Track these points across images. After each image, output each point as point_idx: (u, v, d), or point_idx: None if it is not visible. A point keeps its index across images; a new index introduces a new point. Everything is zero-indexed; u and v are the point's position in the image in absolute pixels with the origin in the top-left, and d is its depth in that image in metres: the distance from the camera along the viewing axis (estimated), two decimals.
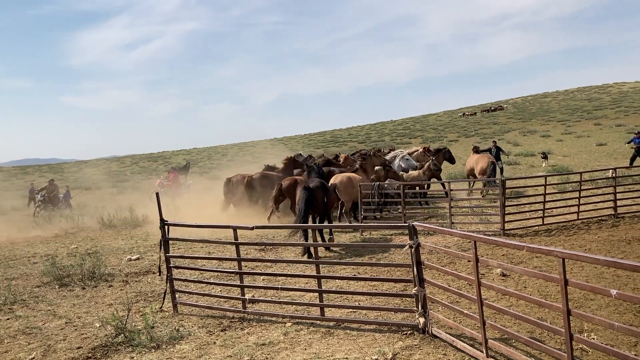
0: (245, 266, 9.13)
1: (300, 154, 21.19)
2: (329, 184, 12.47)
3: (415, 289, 5.86)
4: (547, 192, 12.54)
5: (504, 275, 8.22)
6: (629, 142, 23.58)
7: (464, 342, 5.42)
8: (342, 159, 17.61)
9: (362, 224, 12.75)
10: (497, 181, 11.94)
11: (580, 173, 13.98)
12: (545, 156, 25.83)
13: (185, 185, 23.82)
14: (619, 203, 12.78)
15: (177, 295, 7.61)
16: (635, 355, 4.64)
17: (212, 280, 8.28)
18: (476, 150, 19.08)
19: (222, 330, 6.58)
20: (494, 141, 21.93)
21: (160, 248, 7.60)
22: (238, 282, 7.39)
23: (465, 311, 5.59)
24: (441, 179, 16.98)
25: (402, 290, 7.36)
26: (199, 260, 9.65)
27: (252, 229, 7.12)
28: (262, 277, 8.81)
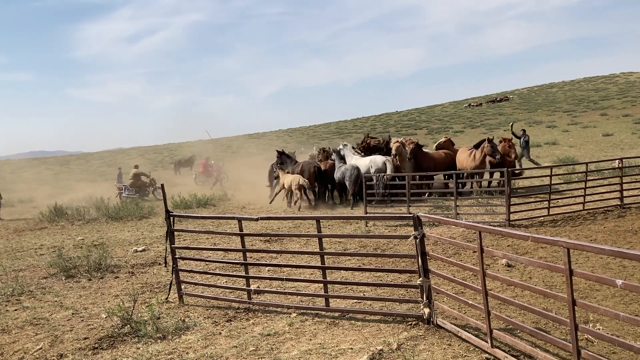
0: (251, 257, 9.16)
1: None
2: None
3: (420, 279, 5.86)
4: (552, 182, 12.48)
5: (509, 265, 8.20)
6: None
7: (469, 333, 5.42)
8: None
9: (367, 215, 12.74)
10: (504, 172, 11.87)
11: (587, 163, 13.87)
12: None
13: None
14: (625, 193, 12.71)
15: (182, 286, 7.65)
16: None
17: (217, 272, 8.32)
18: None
19: (227, 321, 6.61)
20: (522, 130, 21.04)
21: (166, 239, 7.64)
22: (243, 273, 7.43)
23: (470, 302, 5.59)
24: None
25: (407, 281, 7.35)
26: (205, 251, 9.68)
27: (257, 220, 7.14)
28: (267, 268, 8.83)
